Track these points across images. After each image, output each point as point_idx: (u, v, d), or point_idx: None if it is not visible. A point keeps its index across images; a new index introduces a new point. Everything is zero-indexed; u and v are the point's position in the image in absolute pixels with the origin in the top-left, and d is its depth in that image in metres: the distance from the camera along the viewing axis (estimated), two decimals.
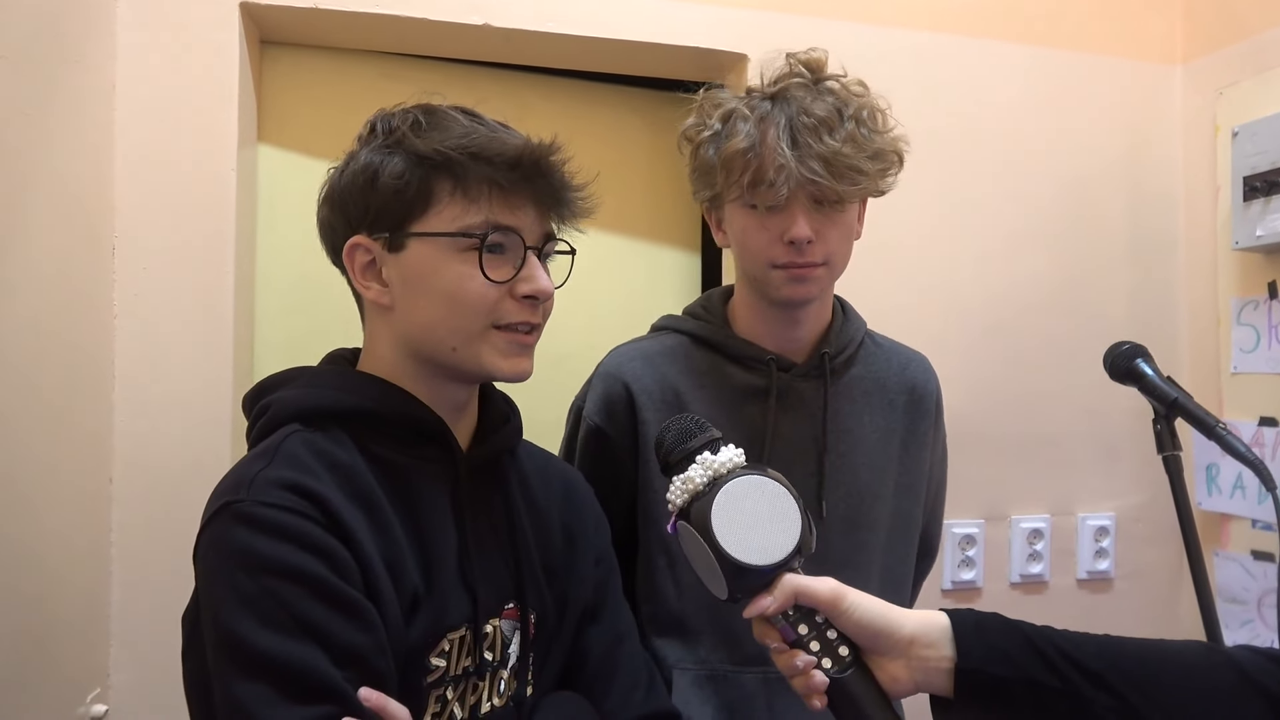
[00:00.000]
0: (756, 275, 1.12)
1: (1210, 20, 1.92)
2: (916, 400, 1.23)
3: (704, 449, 0.81)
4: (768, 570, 0.78)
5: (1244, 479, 1.79)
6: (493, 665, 0.90)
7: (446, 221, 0.86)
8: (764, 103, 1.10)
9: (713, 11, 1.69)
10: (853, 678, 0.77)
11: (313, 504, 0.79)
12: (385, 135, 0.88)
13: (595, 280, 1.81)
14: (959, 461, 1.80)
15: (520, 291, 0.87)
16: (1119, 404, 1.72)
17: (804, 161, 1.04)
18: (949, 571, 1.81)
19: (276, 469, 0.81)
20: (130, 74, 1.42)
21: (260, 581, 0.75)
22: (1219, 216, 1.87)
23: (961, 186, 1.84)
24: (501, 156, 0.85)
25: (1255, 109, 1.76)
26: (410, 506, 0.87)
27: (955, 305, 1.83)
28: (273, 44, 1.62)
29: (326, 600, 0.76)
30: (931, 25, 1.82)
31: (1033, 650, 0.75)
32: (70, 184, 1.29)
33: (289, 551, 0.76)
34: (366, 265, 0.89)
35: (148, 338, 1.42)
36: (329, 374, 0.93)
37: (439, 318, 0.87)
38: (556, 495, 1.02)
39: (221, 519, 0.79)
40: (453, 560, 0.88)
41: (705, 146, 1.11)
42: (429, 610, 0.85)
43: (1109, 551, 1.90)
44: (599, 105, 1.82)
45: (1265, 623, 1.75)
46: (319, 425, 0.86)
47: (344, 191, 0.89)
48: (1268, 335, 1.76)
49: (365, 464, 0.85)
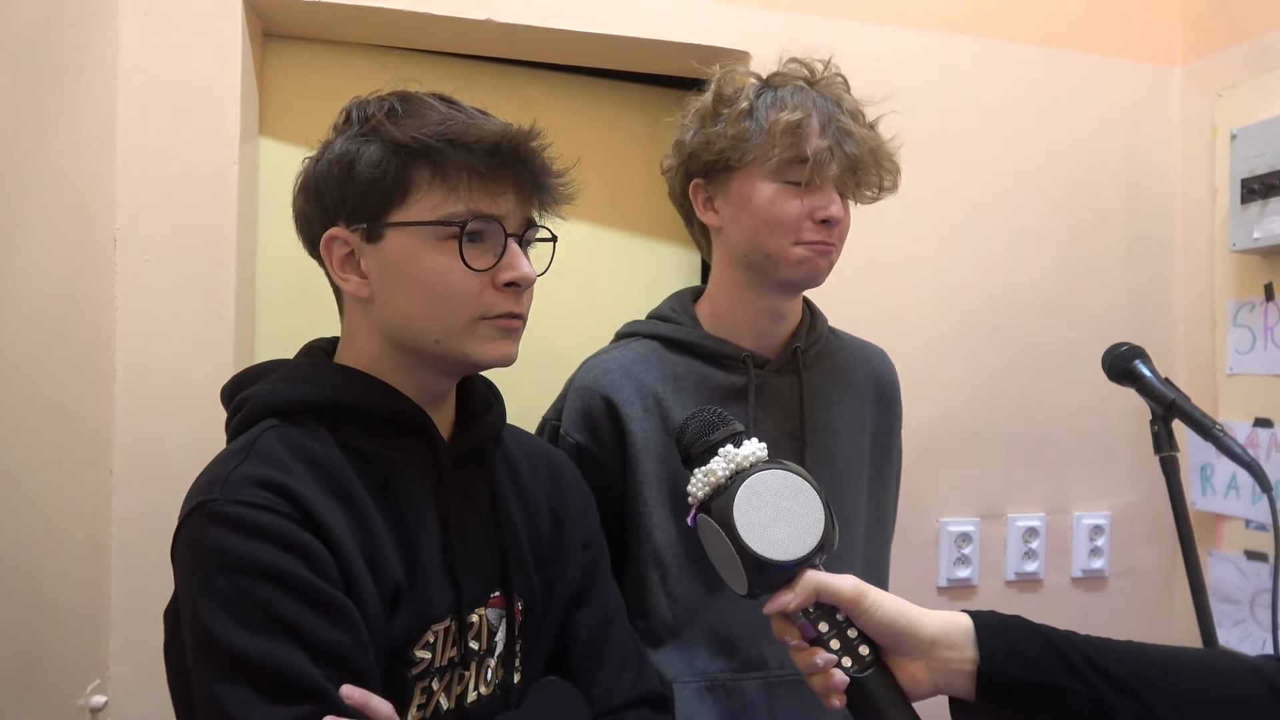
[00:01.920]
0: (772, 251, 1.10)
1: (1209, 22, 1.92)
2: (882, 392, 1.25)
3: (727, 442, 0.81)
4: (790, 566, 0.77)
5: (1238, 479, 1.80)
6: (479, 654, 0.90)
7: (425, 210, 0.84)
8: (805, 87, 1.11)
9: (715, 9, 1.69)
10: (873, 677, 0.76)
11: (288, 501, 0.78)
12: (361, 123, 0.86)
13: (595, 276, 1.81)
14: (956, 459, 1.82)
15: (502, 279, 0.86)
16: (1115, 404, 1.73)
17: (854, 144, 1.07)
18: (945, 569, 1.82)
19: (251, 466, 0.79)
20: (132, 66, 1.42)
21: (236, 581, 0.75)
22: (1216, 218, 1.88)
23: (959, 186, 1.84)
24: (480, 143, 0.84)
25: (1254, 111, 1.77)
26: (391, 499, 0.85)
27: (954, 306, 1.84)
28: (275, 37, 1.62)
29: (304, 598, 0.75)
30: (931, 24, 1.83)
31: (1056, 654, 0.75)
32: (71, 177, 1.29)
33: (264, 550, 0.75)
34: (344, 257, 0.88)
35: (149, 331, 1.42)
36: (306, 367, 0.92)
37: (420, 310, 0.85)
38: (543, 479, 1.01)
39: (196, 519, 0.78)
40: (436, 551, 0.87)
41: (744, 117, 1.09)
42: (412, 603, 0.84)
43: (1104, 550, 1.91)
44: (601, 101, 1.83)
45: (1258, 622, 1.76)
46: (296, 420, 0.85)
47: (320, 182, 0.87)
48: (1264, 337, 1.77)
49: (343, 458, 0.84)
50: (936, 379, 1.80)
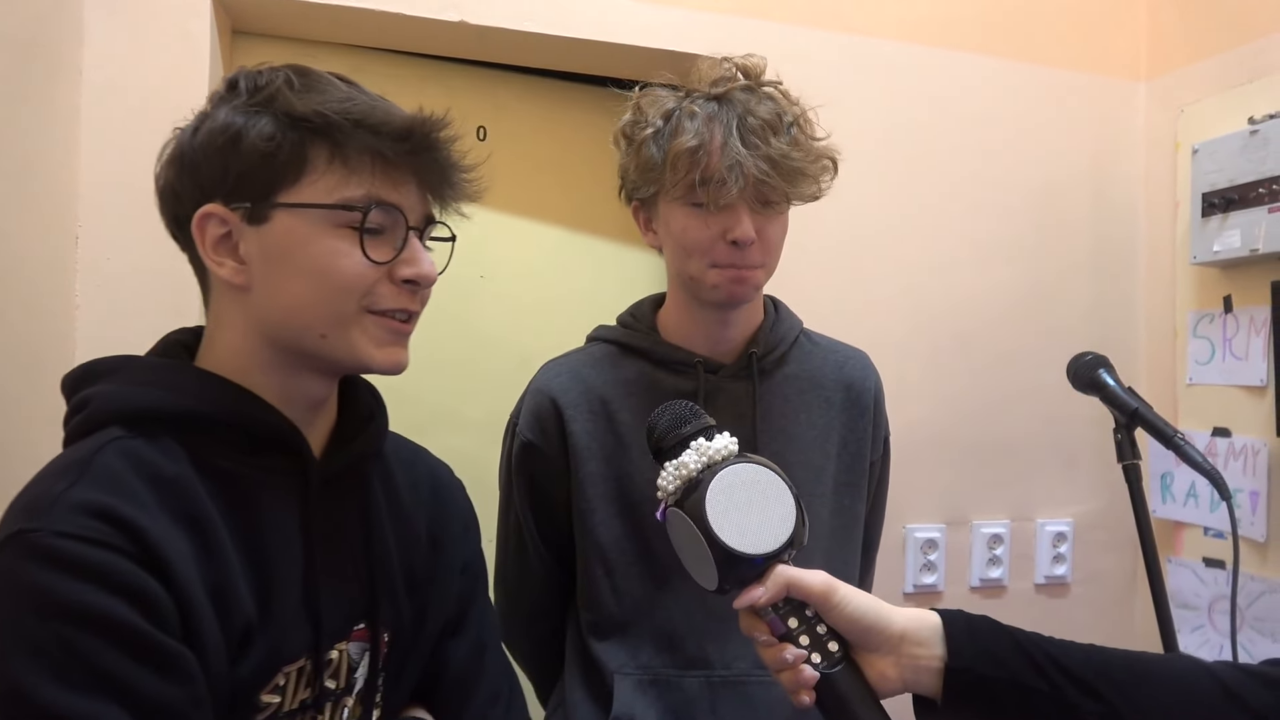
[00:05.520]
0: (694, 274, 1.11)
1: (1174, 39, 1.96)
2: (854, 397, 1.22)
3: (699, 435, 0.80)
4: (760, 561, 0.77)
5: (1197, 487, 1.84)
6: (335, 694, 0.82)
7: (322, 193, 0.76)
8: (709, 103, 1.09)
9: (687, 15, 1.69)
10: (842, 674, 0.76)
11: (124, 534, 0.67)
12: (251, 93, 0.77)
13: (565, 280, 1.81)
14: (923, 466, 1.84)
15: (401, 275, 0.79)
16: (1078, 412, 1.76)
17: (755, 161, 1.04)
18: (911, 575, 1.83)
19: (84, 489, 0.68)
20: (97, 60, 1.39)
21: (55, 628, 0.64)
22: (1178, 231, 1.91)
23: (926, 197, 1.86)
24: (388, 126, 0.77)
25: (1215, 127, 1.80)
26: (248, 525, 0.76)
27: (920, 313, 1.86)
28: (244, 34, 1.60)
29: (133, 651, 0.66)
30: (900, 35, 1.85)
31: (1022, 653, 0.76)
32: (32, 171, 1.27)
33: (90, 593, 0.65)
34: (220, 239, 0.78)
35: (109, 330, 1.39)
36: (160, 368, 0.81)
37: (306, 300, 0.77)
38: (424, 497, 0.94)
39: (13, 550, 0.66)
40: (296, 582, 0.79)
41: (648, 144, 1.10)
42: (263, 642, 0.75)
43: (1066, 557, 1.94)
44: (574, 105, 1.82)
45: (1215, 628, 1.79)
46: (144, 430, 0.74)
47: (197, 154, 0.77)
48: (1222, 348, 1.81)
49: (197, 478, 0.74)
50: (903, 386, 1.81)
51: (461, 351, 1.70)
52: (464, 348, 1.71)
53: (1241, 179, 1.68)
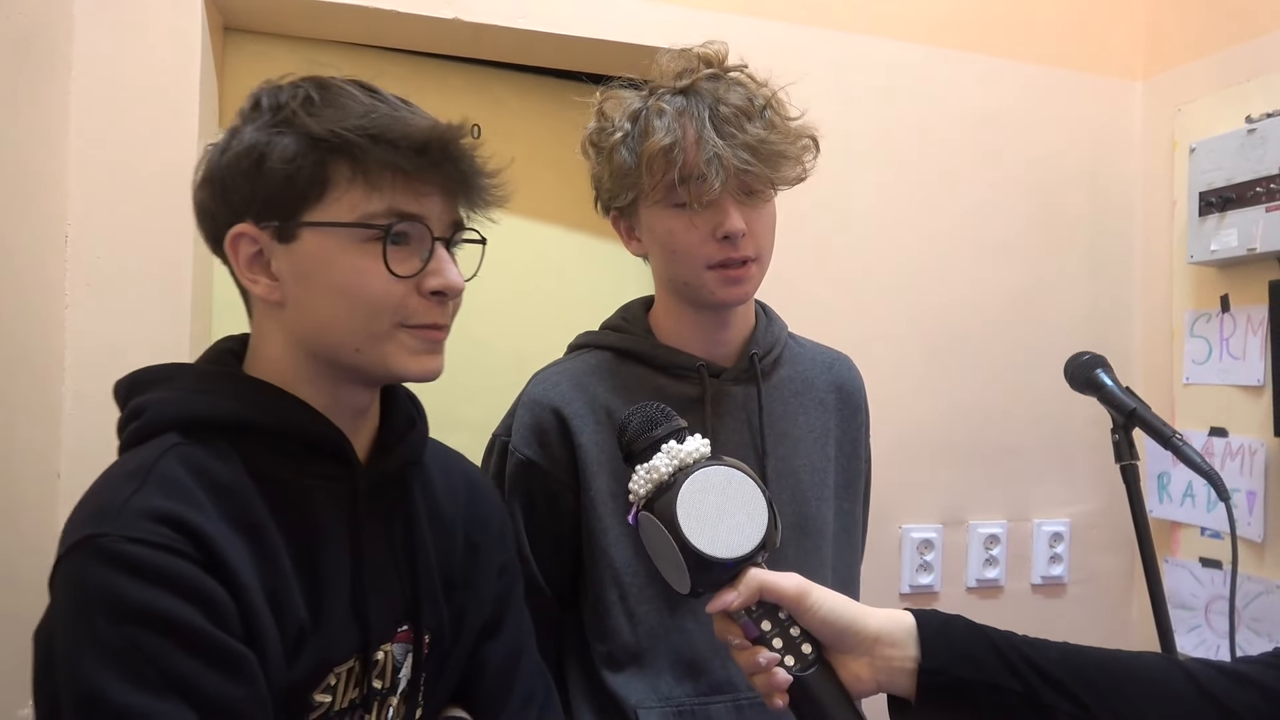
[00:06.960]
0: (688, 279, 1.07)
1: (1171, 38, 1.96)
2: (846, 398, 1.21)
3: (670, 438, 0.79)
4: (732, 564, 0.76)
5: (1194, 487, 1.84)
6: (381, 693, 0.84)
7: (344, 210, 0.77)
8: (676, 97, 1.04)
9: (684, 13, 1.68)
10: (816, 676, 0.76)
11: (190, 540, 0.70)
12: (273, 112, 0.78)
13: (561, 280, 1.80)
14: (919, 467, 1.83)
15: (428, 286, 0.80)
16: (1076, 412, 1.76)
17: (734, 151, 1.00)
18: (907, 575, 1.83)
19: (149, 496, 0.70)
20: (87, 57, 1.38)
21: (125, 631, 0.66)
22: (1175, 231, 1.91)
23: (922, 196, 1.86)
24: (406, 139, 0.77)
25: (1212, 126, 1.80)
26: (299, 531, 0.78)
27: (917, 314, 1.85)
28: (236, 31, 1.59)
29: (200, 653, 0.68)
30: (898, 34, 1.84)
31: (997, 654, 0.75)
32: (21, 170, 1.25)
33: (160, 597, 0.67)
34: (253, 257, 0.80)
35: (100, 330, 1.38)
36: (215, 376, 0.83)
37: (338, 316, 0.78)
38: (460, 500, 0.95)
39: (83, 554, 0.69)
40: (345, 587, 0.81)
41: (618, 149, 1.05)
42: (315, 645, 0.78)
43: (1063, 557, 1.94)
44: (570, 103, 1.80)
45: (1212, 628, 1.79)
46: (201, 437, 0.76)
47: (226, 174, 0.79)
48: (1219, 348, 1.81)
49: (251, 484, 0.76)
50: (900, 386, 1.81)
51: (457, 351, 1.68)
52: (460, 347, 1.67)
53: (1239, 178, 1.68)
